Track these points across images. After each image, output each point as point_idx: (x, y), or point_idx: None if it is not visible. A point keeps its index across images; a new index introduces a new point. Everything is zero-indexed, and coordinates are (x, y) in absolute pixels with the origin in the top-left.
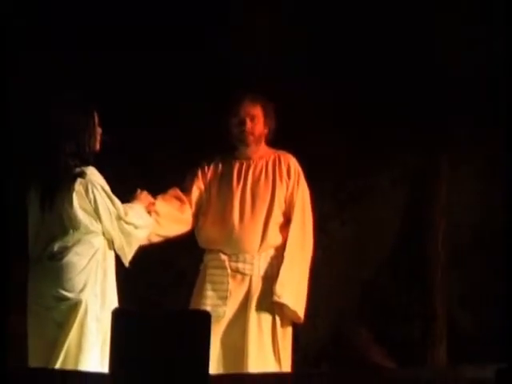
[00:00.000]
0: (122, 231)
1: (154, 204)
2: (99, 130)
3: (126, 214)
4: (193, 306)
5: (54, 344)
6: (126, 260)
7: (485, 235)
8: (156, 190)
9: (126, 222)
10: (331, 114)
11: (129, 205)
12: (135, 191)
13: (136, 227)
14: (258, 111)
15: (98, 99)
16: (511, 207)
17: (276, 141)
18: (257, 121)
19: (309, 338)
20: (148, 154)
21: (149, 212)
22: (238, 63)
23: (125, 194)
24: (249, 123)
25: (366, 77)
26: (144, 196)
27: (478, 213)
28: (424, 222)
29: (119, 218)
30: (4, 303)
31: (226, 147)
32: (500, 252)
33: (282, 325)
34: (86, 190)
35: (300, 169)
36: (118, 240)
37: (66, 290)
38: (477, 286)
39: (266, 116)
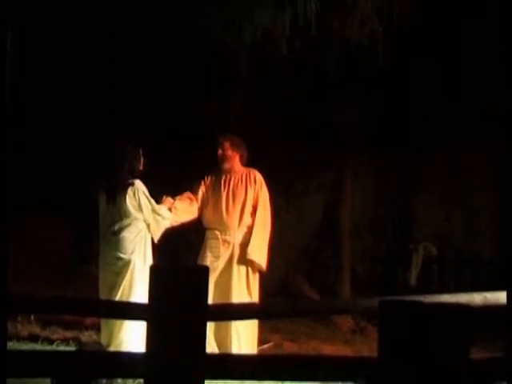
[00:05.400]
0: (155, 220)
1: (173, 203)
2: (143, 159)
3: (159, 209)
4: (199, 262)
5: (114, 287)
6: (156, 238)
7: (374, 221)
8: (176, 192)
9: (158, 214)
10: (284, 148)
11: (159, 205)
12: (162, 197)
13: (163, 218)
14: (226, 144)
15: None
16: None
17: (249, 162)
18: (226, 149)
19: (268, 282)
20: (171, 170)
21: (170, 209)
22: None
23: (157, 194)
24: (220, 151)
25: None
26: (167, 200)
27: (370, 207)
28: (337, 211)
29: (153, 211)
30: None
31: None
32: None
33: (253, 273)
34: (134, 194)
35: (262, 179)
36: (152, 225)
37: (122, 253)
38: (368, 250)
39: (232, 146)
